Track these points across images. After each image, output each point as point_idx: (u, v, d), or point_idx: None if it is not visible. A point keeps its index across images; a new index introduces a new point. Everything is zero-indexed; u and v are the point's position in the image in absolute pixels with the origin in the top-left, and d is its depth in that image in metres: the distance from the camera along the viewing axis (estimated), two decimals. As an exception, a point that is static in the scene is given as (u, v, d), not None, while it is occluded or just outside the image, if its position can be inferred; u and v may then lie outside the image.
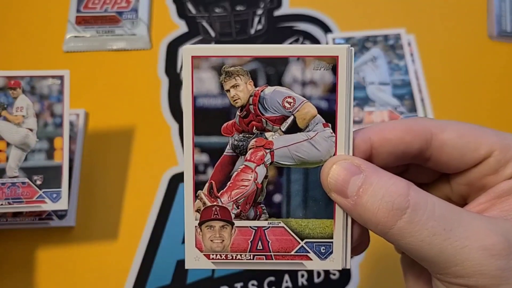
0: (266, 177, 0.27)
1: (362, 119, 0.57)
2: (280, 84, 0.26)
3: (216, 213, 0.26)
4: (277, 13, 0.65)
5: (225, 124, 0.26)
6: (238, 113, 0.26)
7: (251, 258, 0.27)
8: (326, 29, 0.63)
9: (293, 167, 0.27)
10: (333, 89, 0.26)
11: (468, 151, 0.25)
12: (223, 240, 0.26)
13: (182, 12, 0.65)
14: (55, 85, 0.46)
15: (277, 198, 0.27)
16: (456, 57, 0.61)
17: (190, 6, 0.65)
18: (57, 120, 0.47)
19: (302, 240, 0.26)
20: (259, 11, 0.65)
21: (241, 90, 0.26)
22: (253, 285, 0.49)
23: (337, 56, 0.25)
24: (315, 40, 0.62)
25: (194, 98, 0.26)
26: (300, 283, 0.49)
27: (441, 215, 0.23)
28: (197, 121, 0.26)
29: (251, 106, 0.26)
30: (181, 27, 0.64)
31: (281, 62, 0.26)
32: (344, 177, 0.24)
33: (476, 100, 0.59)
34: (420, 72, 0.59)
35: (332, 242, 0.26)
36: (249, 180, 0.27)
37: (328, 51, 0.25)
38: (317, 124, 0.26)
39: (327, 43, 0.61)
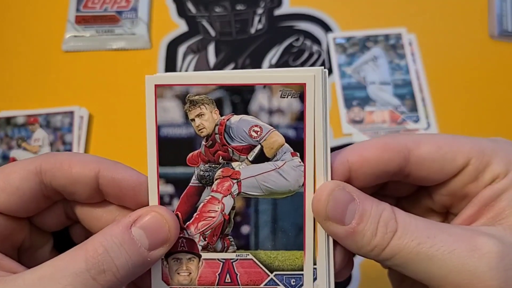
0: (233, 208, 0.26)
1: (363, 119, 0.57)
2: (246, 112, 0.25)
3: (182, 245, 0.26)
4: (278, 12, 0.65)
5: (190, 154, 0.26)
6: (203, 142, 0.26)
7: None
8: (327, 28, 0.63)
9: (261, 198, 0.26)
10: (301, 117, 0.25)
11: (446, 162, 0.25)
12: (190, 273, 0.26)
13: (182, 12, 0.65)
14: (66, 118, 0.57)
15: (245, 229, 0.26)
16: (457, 57, 0.61)
17: (190, 5, 0.65)
18: (67, 147, 0.56)
19: (271, 273, 0.26)
20: (260, 10, 0.65)
21: (206, 119, 0.25)
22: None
23: (304, 84, 0.24)
24: (315, 40, 0.62)
25: (158, 128, 0.25)
26: None
27: (424, 227, 0.23)
28: (161, 152, 0.25)
29: (217, 136, 0.26)
30: (181, 27, 0.64)
31: (247, 90, 0.25)
32: (342, 205, 0.24)
33: (477, 99, 0.59)
34: (421, 71, 0.59)
35: (302, 274, 0.26)
36: (216, 211, 0.26)
37: (294, 79, 0.24)
38: (285, 153, 0.25)
39: (327, 43, 0.61)
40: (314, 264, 0.26)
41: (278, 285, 0.26)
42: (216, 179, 0.26)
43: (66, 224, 0.28)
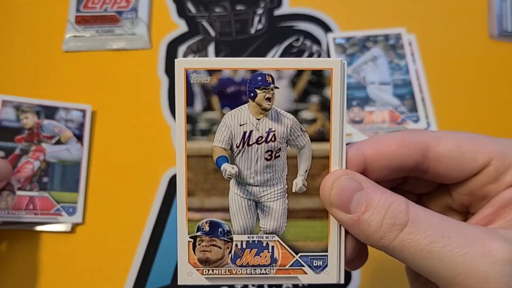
0: (39, 167, 0.51)
1: (363, 119, 0.57)
2: None
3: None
4: (277, 12, 0.65)
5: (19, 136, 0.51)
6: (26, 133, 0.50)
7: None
8: (327, 28, 0.63)
9: (56, 163, 0.52)
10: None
11: (466, 161, 0.25)
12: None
13: (182, 12, 0.65)
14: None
15: (45, 179, 0.51)
16: (457, 57, 0.61)
17: (190, 6, 0.65)
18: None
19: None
20: (259, 11, 0.65)
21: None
22: (253, 285, 0.49)
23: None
24: (315, 40, 0.62)
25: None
26: (300, 284, 0.49)
27: (439, 225, 0.23)
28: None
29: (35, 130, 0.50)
30: (181, 27, 0.64)
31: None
32: (348, 193, 0.24)
33: (477, 100, 0.59)
34: (421, 71, 0.59)
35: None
36: (29, 168, 0.51)
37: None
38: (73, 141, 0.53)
39: (327, 43, 0.61)
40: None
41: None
42: (31, 151, 0.51)
43: None
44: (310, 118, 0.26)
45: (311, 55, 0.61)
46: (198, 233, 0.26)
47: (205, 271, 0.26)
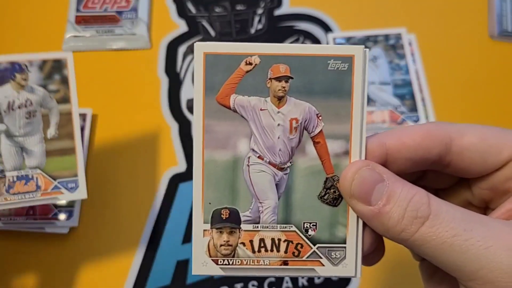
0: None
1: (363, 119, 0.57)
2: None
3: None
4: (278, 12, 0.65)
5: None
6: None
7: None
8: (327, 28, 0.63)
9: None
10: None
11: (490, 155, 0.24)
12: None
13: (182, 12, 0.65)
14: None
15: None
16: (457, 57, 0.61)
17: (190, 6, 0.65)
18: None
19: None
20: (259, 11, 0.65)
21: None
22: (253, 285, 0.49)
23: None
24: (315, 40, 0.62)
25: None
26: (300, 284, 0.49)
27: (461, 218, 0.22)
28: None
29: None
30: (181, 27, 0.64)
31: None
32: (369, 185, 0.23)
33: (477, 99, 0.59)
34: (421, 71, 0.59)
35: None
36: None
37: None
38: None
39: (327, 43, 0.61)
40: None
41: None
42: None
43: None
44: None
45: (311, 55, 0.61)
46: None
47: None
